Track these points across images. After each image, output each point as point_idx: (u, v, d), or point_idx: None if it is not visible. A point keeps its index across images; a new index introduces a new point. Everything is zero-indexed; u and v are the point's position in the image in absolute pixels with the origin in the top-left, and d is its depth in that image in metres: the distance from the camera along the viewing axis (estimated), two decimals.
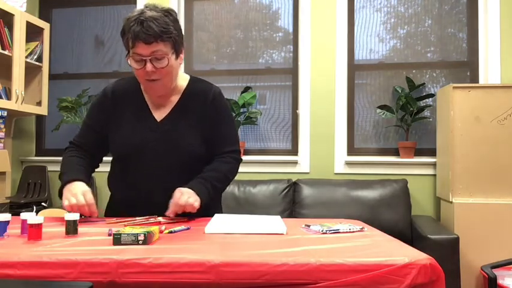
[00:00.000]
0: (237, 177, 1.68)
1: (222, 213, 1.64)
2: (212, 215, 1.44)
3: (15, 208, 3.01)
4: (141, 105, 1.54)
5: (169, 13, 1.42)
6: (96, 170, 1.65)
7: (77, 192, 1.38)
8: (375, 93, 3.34)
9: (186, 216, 1.42)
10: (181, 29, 1.48)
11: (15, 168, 3.50)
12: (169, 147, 1.49)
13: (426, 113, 3.24)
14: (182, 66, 3.21)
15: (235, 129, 1.65)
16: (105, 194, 3.42)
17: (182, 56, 1.51)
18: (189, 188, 1.42)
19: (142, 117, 1.52)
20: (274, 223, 1.26)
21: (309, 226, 1.27)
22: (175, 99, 1.54)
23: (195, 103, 1.54)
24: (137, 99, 1.55)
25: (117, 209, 1.57)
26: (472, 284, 2.56)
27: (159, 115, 1.53)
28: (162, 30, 1.37)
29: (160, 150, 1.49)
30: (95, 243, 1.01)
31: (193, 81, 1.59)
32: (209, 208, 1.51)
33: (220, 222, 1.26)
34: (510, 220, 2.57)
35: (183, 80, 1.57)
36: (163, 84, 1.45)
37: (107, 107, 1.55)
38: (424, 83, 3.23)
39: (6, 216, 1.10)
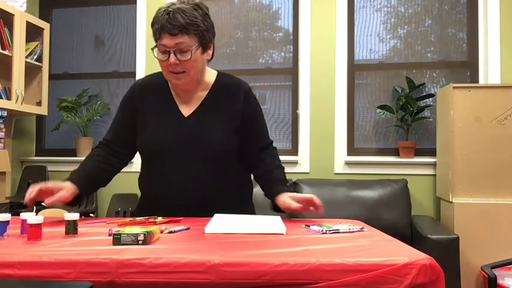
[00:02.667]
0: None
1: (254, 211, 1.64)
2: (244, 213, 1.46)
3: (15, 208, 3.00)
4: (168, 100, 1.53)
5: (199, 7, 1.42)
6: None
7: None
8: (374, 93, 3.34)
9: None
10: (212, 24, 1.47)
11: (15, 168, 3.50)
12: (197, 142, 1.47)
13: (426, 113, 3.24)
14: None
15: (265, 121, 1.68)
16: (106, 194, 3.44)
17: (211, 52, 1.50)
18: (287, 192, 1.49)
19: (169, 112, 1.51)
20: (273, 223, 1.26)
21: (309, 226, 1.27)
22: (203, 94, 1.52)
23: (224, 98, 1.53)
24: (164, 94, 1.53)
25: (149, 207, 1.52)
26: (472, 284, 2.56)
27: (186, 110, 1.51)
28: (188, 23, 1.37)
29: (188, 146, 1.47)
30: (95, 243, 1.01)
31: (221, 76, 1.58)
32: (238, 205, 1.51)
33: (219, 222, 1.26)
34: (510, 220, 2.57)
35: (211, 75, 1.56)
36: (188, 77, 1.43)
37: (135, 101, 1.54)
38: (424, 83, 3.23)
39: (6, 216, 1.10)
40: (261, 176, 1.57)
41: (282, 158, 3.25)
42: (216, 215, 1.39)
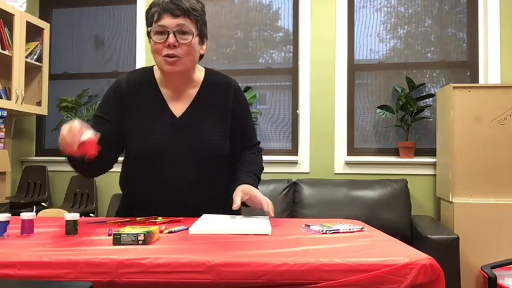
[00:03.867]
0: None
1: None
2: (236, 213, 1.44)
3: (15, 208, 3.01)
4: (158, 98, 1.46)
5: (199, 1, 1.42)
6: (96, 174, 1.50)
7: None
8: (375, 93, 3.34)
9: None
10: (206, 21, 1.46)
11: (15, 168, 3.50)
12: (191, 144, 1.43)
13: (426, 113, 3.24)
14: None
15: (253, 121, 1.64)
16: (106, 194, 3.44)
17: (205, 47, 1.47)
18: (247, 184, 1.41)
19: (160, 112, 1.45)
20: (260, 224, 1.25)
21: (309, 226, 1.27)
22: (193, 92, 1.47)
23: (214, 96, 1.49)
24: (153, 92, 1.47)
25: (135, 210, 1.47)
26: (472, 284, 2.56)
27: (177, 110, 1.46)
28: (192, 8, 1.36)
29: (182, 148, 1.42)
30: (95, 243, 1.01)
31: (209, 73, 1.54)
32: (229, 206, 1.48)
33: (205, 223, 1.25)
34: (510, 220, 2.57)
35: (199, 72, 1.51)
36: (183, 64, 1.38)
37: (122, 98, 1.45)
38: (424, 83, 3.23)
39: (6, 216, 1.10)
40: (235, 170, 1.53)
41: (282, 158, 3.30)
42: (203, 215, 1.37)
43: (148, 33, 1.40)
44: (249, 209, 1.49)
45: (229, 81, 1.54)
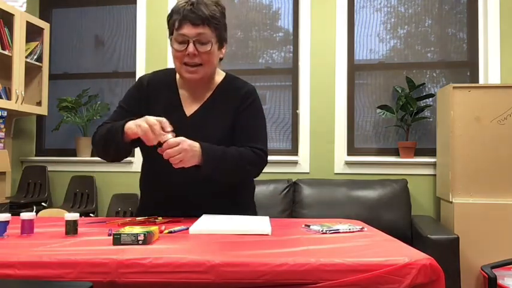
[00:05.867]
0: None
1: (256, 211, 1.63)
2: (243, 212, 1.45)
3: (15, 208, 3.01)
4: (174, 97, 1.51)
5: (219, 4, 1.44)
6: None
7: (143, 119, 1.30)
8: (375, 93, 3.34)
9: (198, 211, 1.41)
10: (226, 24, 1.48)
11: (15, 168, 3.50)
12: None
13: (426, 113, 3.24)
14: None
15: (265, 130, 1.57)
16: (105, 194, 3.44)
17: (224, 51, 1.50)
18: (202, 146, 1.34)
19: (172, 110, 1.48)
20: (260, 223, 1.25)
21: (309, 226, 1.27)
22: (207, 94, 1.51)
23: (226, 99, 1.51)
24: (170, 91, 1.52)
25: (149, 209, 1.50)
26: (472, 284, 2.56)
27: (189, 110, 1.50)
28: (211, 16, 1.38)
29: None
30: (95, 243, 1.01)
31: (228, 78, 1.56)
32: (239, 204, 1.51)
33: (205, 223, 1.25)
34: (510, 220, 2.57)
35: (219, 76, 1.55)
36: (203, 70, 1.42)
37: (143, 95, 1.52)
38: (424, 83, 3.23)
39: (6, 216, 1.10)
40: None
41: (282, 158, 3.29)
42: (203, 216, 1.38)
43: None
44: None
45: (244, 85, 1.55)
